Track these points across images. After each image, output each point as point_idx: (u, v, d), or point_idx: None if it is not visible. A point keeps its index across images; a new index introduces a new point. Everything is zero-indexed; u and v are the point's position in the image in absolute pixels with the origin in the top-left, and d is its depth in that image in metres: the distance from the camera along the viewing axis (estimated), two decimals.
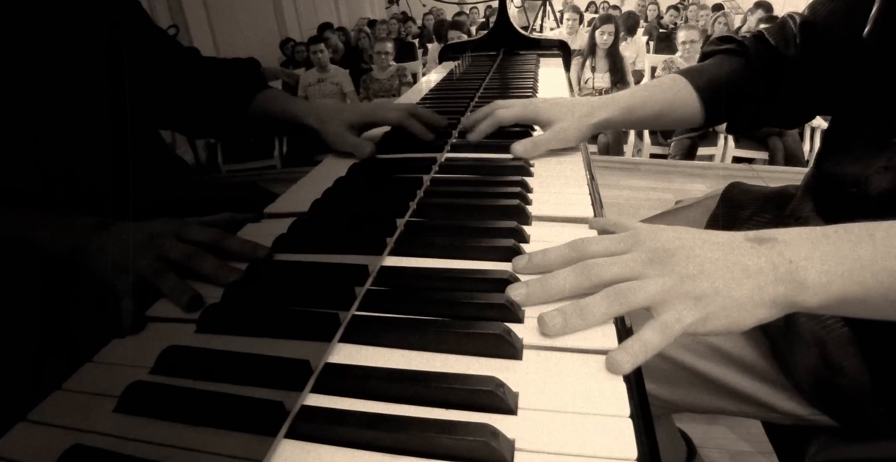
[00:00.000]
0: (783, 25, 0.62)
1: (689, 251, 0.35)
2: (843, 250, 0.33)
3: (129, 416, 0.29)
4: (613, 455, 0.25)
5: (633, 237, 0.37)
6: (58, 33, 0.54)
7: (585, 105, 0.62)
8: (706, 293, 0.33)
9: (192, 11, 4.15)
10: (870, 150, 0.47)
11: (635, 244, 0.37)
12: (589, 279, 0.35)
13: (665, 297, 0.33)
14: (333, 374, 0.31)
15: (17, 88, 0.51)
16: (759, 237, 0.35)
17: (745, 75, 0.63)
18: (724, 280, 0.33)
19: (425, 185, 0.56)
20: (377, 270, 0.41)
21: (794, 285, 0.33)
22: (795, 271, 0.33)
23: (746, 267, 0.34)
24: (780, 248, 0.34)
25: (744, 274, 0.33)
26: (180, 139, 3.61)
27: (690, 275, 0.34)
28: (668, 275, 0.34)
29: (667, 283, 0.34)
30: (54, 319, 0.44)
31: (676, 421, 0.92)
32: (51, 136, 0.53)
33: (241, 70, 0.75)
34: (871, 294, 0.32)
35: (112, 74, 0.60)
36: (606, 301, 0.33)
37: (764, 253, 0.34)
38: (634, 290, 0.34)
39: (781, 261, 0.33)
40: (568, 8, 4.48)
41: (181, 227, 0.45)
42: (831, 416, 0.49)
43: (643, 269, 0.35)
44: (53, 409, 0.30)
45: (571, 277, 0.36)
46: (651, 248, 0.36)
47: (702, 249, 0.35)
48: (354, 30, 5.40)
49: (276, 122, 0.72)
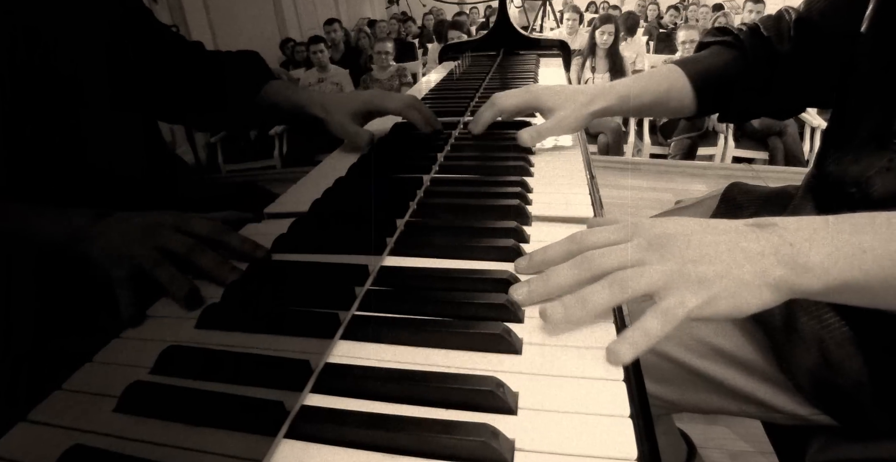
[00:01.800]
0: (779, 19, 0.63)
1: (689, 236, 0.35)
2: (844, 235, 0.33)
3: (129, 416, 0.29)
4: (613, 455, 0.25)
5: (632, 226, 0.37)
6: (62, 30, 0.54)
7: (585, 93, 0.64)
8: (708, 276, 0.33)
9: (192, 11, 4.15)
10: (869, 149, 0.47)
11: (635, 233, 0.36)
12: (589, 270, 0.35)
13: (667, 282, 0.33)
14: (333, 373, 0.31)
15: (19, 85, 0.50)
16: (759, 223, 0.35)
17: (739, 67, 0.64)
18: (726, 263, 0.33)
19: (425, 185, 0.56)
20: (377, 270, 0.41)
21: (796, 268, 0.32)
22: (797, 254, 0.33)
23: (748, 250, 0.33)
24: (781, 232, 0.34)
25: (745, 257, 0.33)
26: (180, 139, 3.62)
27: (692, 259, 0.33)
28: (668, 260, 0.34)
29: (668, 268, 0.33)
30: (54, 319, 0.44)
31: (676, 421, 0.92)
32: (52, 133, 0.53)
33: (247, 62, 0.75)
34: (873, 280, 0.32)
35: (117, 70, 0.60)
36: (607, 289, 0.33)
37: (765, 237, 0.34)
38: (635, 277, 0.33)
39: (783, 244, 0.33)
40: (568, 8, 4.48)
41: (182, 219, 0.44)
42: (831, 415, 0.49)
43: (643, 256, 0.34)
44: (53, 409, 0.30)
45: (572, 271, 0.35)
46: (651, 234, 0.35)
47: (702, 234, 0.35)
48: (354, 30, 5.39)
49: (281, 112, 0.73)
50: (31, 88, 0.52)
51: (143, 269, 0.40)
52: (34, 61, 0.52)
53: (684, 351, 0.55)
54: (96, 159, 0.57)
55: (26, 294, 0.45)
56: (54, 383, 0.31)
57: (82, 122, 0.56)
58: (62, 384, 0.31)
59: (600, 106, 0.63)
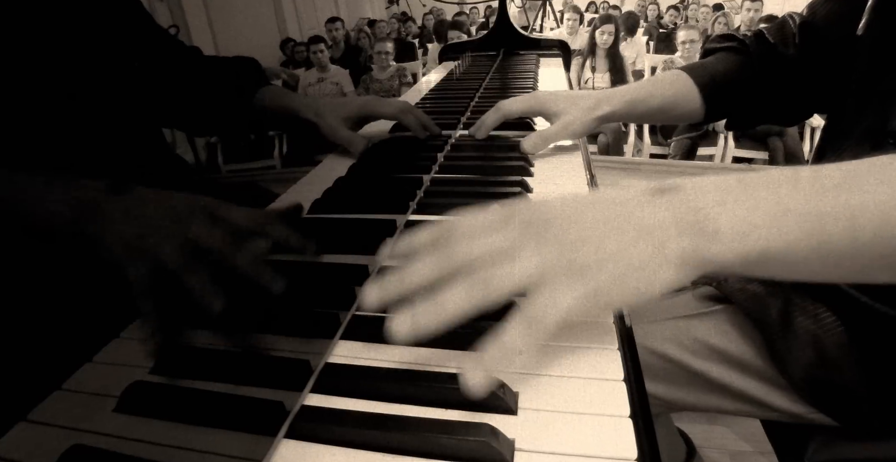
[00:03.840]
0: (783, 25, 0.63)
1: (569, 216, 0.29)
2: (760, 193, 0.28)
3: (129, 416, 0.29)
4: (613, 455, 0.25)
5: (508, 209, 0.31)
6: (60, 33, 0.54)
7: (590, 98, 0.63)
8: (588, 264, 0.27)
9: (192, 11, 4.15)
10: (864, 148, 0.47)
11: (512, 216, 0.30)
12: (450, 259, 0.29)
13: (541, 277, 0.27)
14: (333, 373, 0.31)
15: (17, 87, 0.51)
16: (660, 188, 0.30)
17: (746, 73, 0.64)
18: (614, 242, 0.28)
19: (425, 185, 0.56)
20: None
21: (703, 237, 0.27)
22: (704, 220, 0.27)
23: (641, 223, 0.28)
24: (685, 196, 0.29)
25: (638, 231, 0.28)
26: (180, 139, 3.61)
27: (570, 243, 0.28)
28: (544, 249, 0.28)
29: (543, 259, 0.28)
30: (54, 319, 0.44)
31: (676, 421, 0.92)
32: (52, 135, 0.53)
33: (243, 68, 0.75)
34: (798, 246, 0.27)
35: (114, 73, 0.60)
36: (466, 291, 0.27)
37: (663, 204, 0.29)
38: (501, 273, 0.27)
39: (685, 210, 0.28)
40: (568, 8, 4.48)
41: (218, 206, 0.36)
42: (827, 414, 0.49)
43: (515, 244, 0.29)
44: (53, 409, 0.30)
45: (430, 265, 0.29)
46: (525, 220, 0.30)
47: (585, 212, 0.29)
48: (354, 30, 5.40)
49: (276, 117, 0.73)
50: (29, 90, 0.51)
51: (168, 270, 0.33)
52: (32, 63, 0.52)
53: (681, 350, 0.55)
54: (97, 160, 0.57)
55: (26, 294, 0.44)
56: (54, 383, 0.31)
57: (83, 123, 0.56)
58: (62, 384, 0.31)
59: (606, 111, 0.62)
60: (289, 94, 0.73)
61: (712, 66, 0.66)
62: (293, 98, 0.72)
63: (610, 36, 3.28)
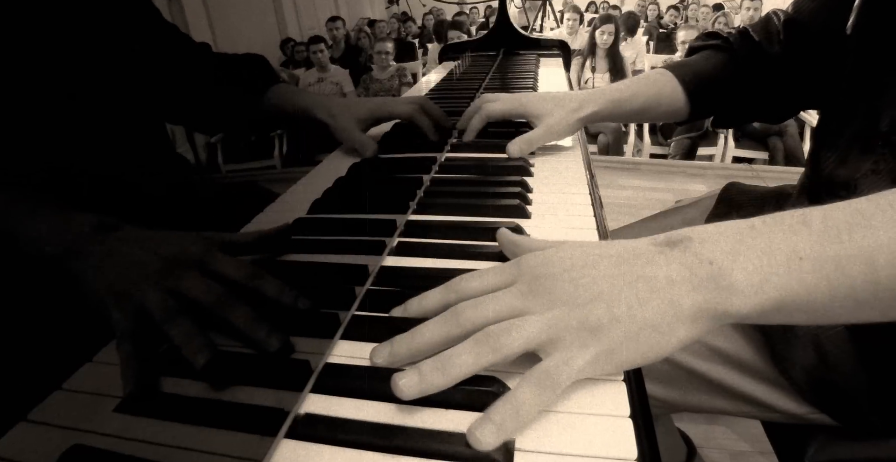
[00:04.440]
0: (767, 22, 0.63)
1: (577, 272, 0.29)
2: (775, 241, 0.27)
3: (129, 416, 0.29)
4: (613, 455, 0.25)
5: (515, 266, 0.32)
6: (68, 29, 0.54)
7: (574, 99, 0.63)
8: (602, 322, 0.27)
9: (192, 11, 4.15)
10: (855, 149, 0.47)
11: (518, 274, 0.31)
12: (459, 326, 0.29)
13: (551, 335, 0.27)
14: (333, 374, 0.31)
15: (24, 83, 0.50)
16: (669, 240, 0.29)
17: (730, 71, 0.64)
18: (626, 300, 0.27)
19: (425, 185, 0.56)
20: (377, 270, 0.41)
21: (718, 291, 0.27)
22: (719, 274, 0.27)
23: (653, 279, 0.28)
24: (695, 248, 0.28)
25: (650, 288, 0.27)
26: (180, 138, 3.62)
27: (581, 302, 0.28)
28: (553, 307, 0.28)
29: (552, 317, 0.28)
30: (54, 319, 0.44)
31: (676, 421, 0.92)
32: (57, 132, 0.53)
33: (253, 65, 0.75)
34: (817, 292, 0.26)
35: (120, 69, 0.60)
36: (474, 350, 0.27)
37: (676, 257, 0.28)
38: (509, 331, 0.27)
39: (698, 263, 0.27)
40: (568, 8, 4.48)
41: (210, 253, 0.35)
42: (828, 414, 0.49)
43: (524, 305, 0.29)
44: (53, 409, 0.30)
45: (440, 327, 0.30)
46: (533, 276, 0.30)
47: (594, 268, 0.29)
48: (354, 30, 5.40)
49: (287, 116, 0.72)
50: (35, 86, 0.51)
51: (152, 317, 0.32)
52: (39, 59, 0.52)
53: (681, 351, 0.55)
54: (100, 158, 0.57)
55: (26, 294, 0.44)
56: (54, 383, 0.31)
57: (86, 120, 0.56)
58: (62, 384, 0.31)
59: (590, 111, 0.62)
60: (301, 93, 0.72)
61: (696, 65, 0.65)
62: (305, 97, 0.71)
63: (610, 36, 3.28)
